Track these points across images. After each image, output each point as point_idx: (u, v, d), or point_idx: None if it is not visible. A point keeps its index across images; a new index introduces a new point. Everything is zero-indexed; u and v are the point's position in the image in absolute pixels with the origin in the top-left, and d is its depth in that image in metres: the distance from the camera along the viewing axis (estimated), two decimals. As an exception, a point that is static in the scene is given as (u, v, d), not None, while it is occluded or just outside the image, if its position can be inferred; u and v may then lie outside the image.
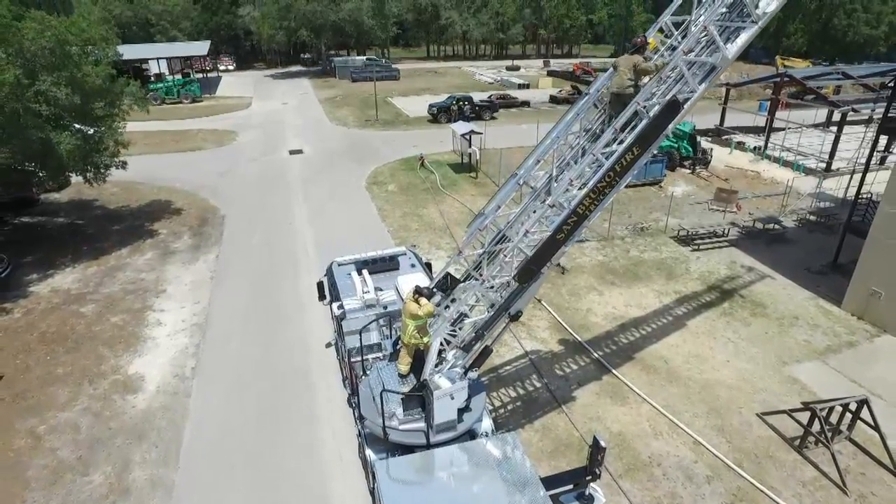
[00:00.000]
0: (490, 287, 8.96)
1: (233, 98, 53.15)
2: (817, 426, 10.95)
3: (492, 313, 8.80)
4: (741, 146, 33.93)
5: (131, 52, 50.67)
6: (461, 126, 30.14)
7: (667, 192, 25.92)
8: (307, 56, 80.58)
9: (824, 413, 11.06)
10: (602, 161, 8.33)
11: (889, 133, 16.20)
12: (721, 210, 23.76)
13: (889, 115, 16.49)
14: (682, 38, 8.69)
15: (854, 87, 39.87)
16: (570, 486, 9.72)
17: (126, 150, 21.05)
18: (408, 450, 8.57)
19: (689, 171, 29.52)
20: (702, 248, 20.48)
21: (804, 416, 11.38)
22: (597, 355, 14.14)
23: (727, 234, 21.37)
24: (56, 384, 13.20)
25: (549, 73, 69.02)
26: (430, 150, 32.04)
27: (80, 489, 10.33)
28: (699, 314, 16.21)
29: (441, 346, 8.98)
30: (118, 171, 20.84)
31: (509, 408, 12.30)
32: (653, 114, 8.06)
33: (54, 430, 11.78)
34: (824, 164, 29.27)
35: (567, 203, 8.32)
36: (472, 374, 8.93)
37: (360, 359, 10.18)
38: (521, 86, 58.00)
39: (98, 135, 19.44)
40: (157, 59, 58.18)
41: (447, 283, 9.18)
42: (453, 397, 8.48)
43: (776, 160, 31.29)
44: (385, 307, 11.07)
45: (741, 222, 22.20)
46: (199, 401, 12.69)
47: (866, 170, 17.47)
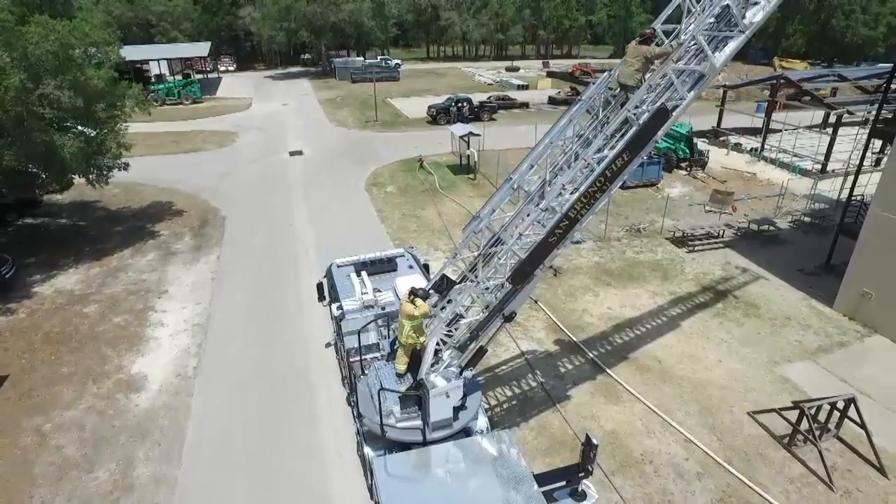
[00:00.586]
0: (485, 289, 9.21)
1: (233, 99, 53.41)
2: (805, 424, 11.20)
3: (486, 314, 9.05)
4: (738, 148, 34.18)
5: (132, 54, 50.95)
6: (459, 128, 30.39)
7: (663, 194, 26.16)
8: (307, 57, 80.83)
9: (812, 411, 11.32)
10: (594, 166, 8.58)
11: (880, 136, 16.43)
12: (717, 211, 23.99)
13: (879, 119, 16.74)
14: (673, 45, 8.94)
15: (852, 89, 40.13)
16: (564, 483, 9.99)
17: (128, 152, 21.29)
18: (405, 447, 8.81)
19: (686, 173, 29.78)
20: (697, 249, 20.74)
21: (793, 415, 11.63)
22: (591, 355, 14.40)
23: (722, 236, 21.63)
24: (61, 383, 13.46)
25: (549, 74, 69.26)
26: (429, 152, 32.29)
27: (86, 486, 10.58)
28: (693, 315, 16.46)
29: (437, 345, 9.22)
30: (120, 172, 21.08)
31: (505, 406, 12.55)
32: (642, 121, 8.31)
33: (60, 428, 12.04)
34: (820, 166, 29.52)
35: (559, 207, 8.57)
36: (468, 373, 9.17)
37: (358, 359, 10.42)
38: (520, 87, 58.25)
39: (100, 137, 19.69)
40: (158, 60, 58.43)
41: (443, 285, 9.43)
42: (449, 396, 8.72)
43: (772, 162, 31.54)
44: (383, 308, 11.31)
45: (736, 224, 22.42)
46: (200, 400, 12.95)
47: (858, 172, 17.70)
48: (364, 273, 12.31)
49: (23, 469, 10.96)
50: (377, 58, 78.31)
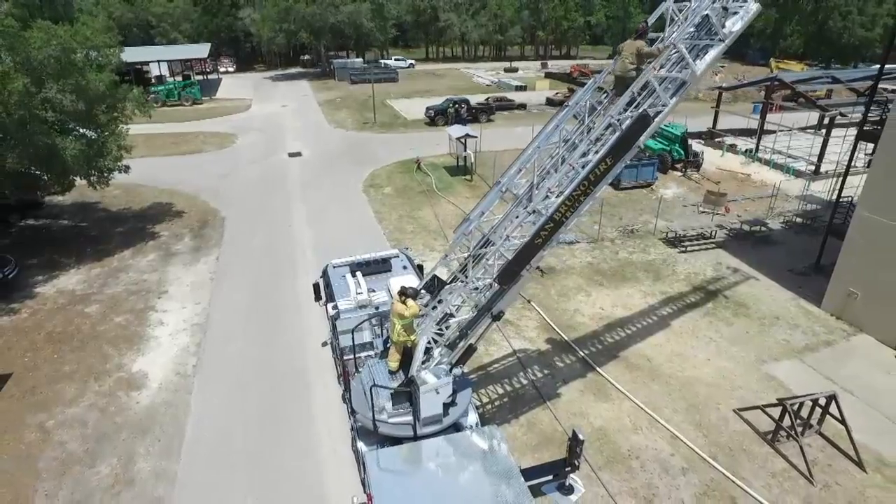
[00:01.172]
0: (475, 289, 9.52)
1: (233, 100, 53.73)
2: (788, 421, 11.51)
3: (475, 313, 9.36)
4: (733, 149, 34.49)
5: (132, 55, 51.24)
6: (456, 130, 30.70)
7: (658, 195, 26.46)
8: (307, 58, 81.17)
9: (795, 408, 11.64)
10: (578, 170, 8.89)
11: (867, 138, 16.73)
12: (710, 212, 24.30)
13: (866, 121, 17.06)
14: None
15: (847, 90, 40.39)
16: (551, 477, 10.30)
17: (129, 154, 21.60)
18: (396, 441, 9.11)
19: (680, 174, 30.08)
20: (689, 249, 21.03)
21: (777, 412, 11.93)
22: (582, 354, 14.71)
23: (714, 236, 21.93)
24: (63, 381, 13.78)
25: (547, 75, 69.56)
26: (427, 153, 32.62)
27: (88, 480, 10.90)
28: (683, 314, 16.77)
29: (429, 343, 9.53)
30: (120, 174, 21.39)
31: (496, 403, 12.86)
32: (625, 127, 8.62)
33: (62, 424, 12.36)
34: (813, 167, 29.82)
35: (545, 210, 8.88)
36: (457, 370, 9.48)
37: (352, 357, 10.73)
38: (518, 88, 58.56)
39: (101, 139, 20.01)
40: (158, 61, 58.79)
41: (434, 285, 9.74)
42: (438, 392, 9.03)
43: (767, 163, 31.87)
44: (377, 307, 11.61)
45: (728, 224, 22.72)
46: (199, 397, 13.26)
47: (846, 173, 18.01)
48: (359, 273, 12.63)
49: (27, 464, 11.28)
50: (391, 58, 79.38)
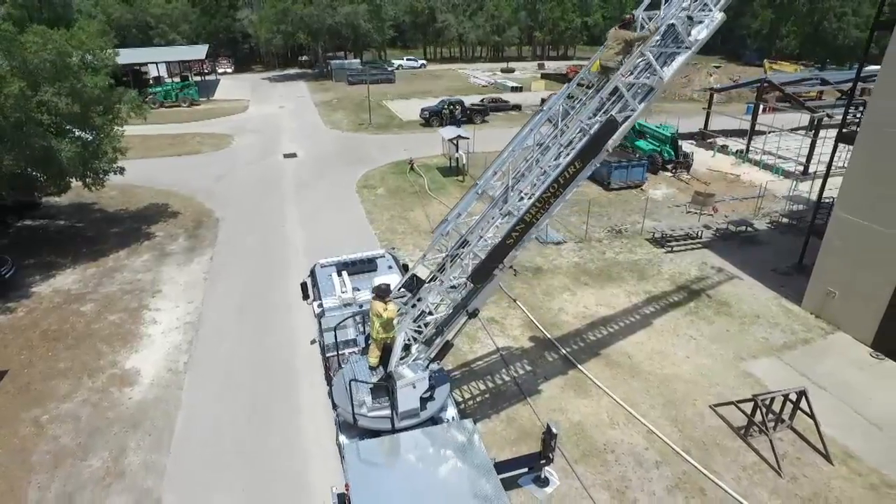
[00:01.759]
0: (452, 287, 9.86)
1: (230, 101, 54.12)
2: (760, 416, 11.85)
3: (451, 311, 9.71)
4: (724, 150, 34.84)
5: (131, 56, 51.70)
6: (449, 131, 31.08)
7: (647, 195, 26.81)
8: (305, 59, 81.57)
9: (767, 403, 11.99)
10: (549, 173, 9.24)
11: (846, 141, 17.04)
12: (697, 213, 24.65)
13: (844, 124, 17.40)
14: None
15: (839, 91, 40.73)
16: (527, 469, 10.69)
17: (123, 156, 21.96)
18: (376, 435, 9.46)
19: (671, 175, 30.44)
20: (675, 249, 21.36)
21: (751, 407, 12.27)
22: (564, 351, 15.05)
23: (700, 237, 22.27)
24: (57, 378, 14.14)
25: (543, 76, 69.91)
26: (421, 154, 32.98)
27: (80, 472, 11.27)
28: (666, 313, 17.11)
29: (408, 340, 9.89)
30: (116, 175, 21.73)
31: (478, 399, 13.22)
32: (593, 131, 8.98)
33: (56, 419, 12.72)
34: (802, 168, 30.17)
35: (517, 211, 9.23)
36: (434, 366, 9.83)
37: (335, 353, 11.08)
38: (514, 88, 58.93)
39: (97, 141, 20.37)
40: (157, 62, 59.16)
41: (413, 284, 10.10)
42: (415, 386, 9.39)
43: (757, 163, 32.22)
44: (361, 306, 11.96)
45: (715, 225, 23.06)
46: (190, 393, 13.63)
47: (827, 174, 18.35)
48: (345, 273, 12.96)
49: (21, 457, 11.64)
50: (404, 58, 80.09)
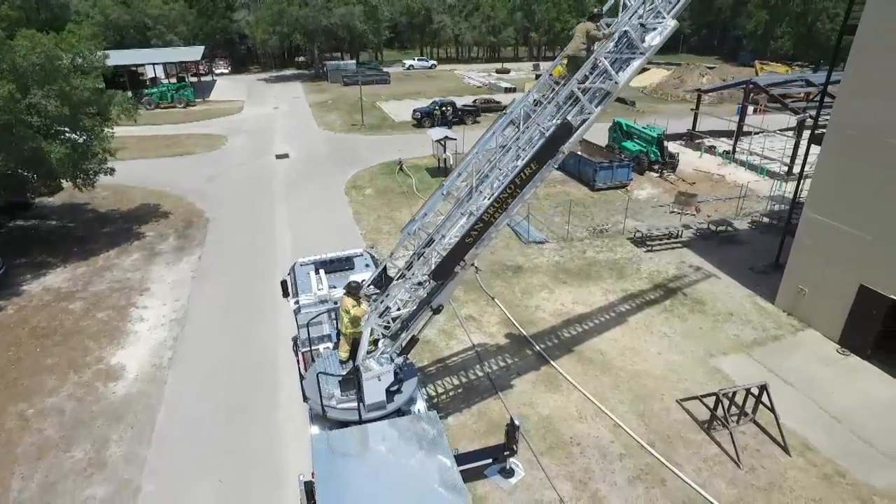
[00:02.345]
0: (418, 283, 10.25)
1: (226, 102, 54.50)
2: (722, 410, 12.23)
3: (416, 307, 10.10)
4: (712, 150, 35.20)
5: (127, 57, 52.19)
6: (437, 132, 31.47)
7: (631, 196, 27.18)
8: (301, 59, 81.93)
9: (729, 397, 12.37)
10: (508, 174, 9.63)
11: (818, 142, 17.41)
12: (680, 212, 25.02)
13: (816, 125, 17.79)
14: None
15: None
16: (491, 461, 11.09)
17: (114, 157, 22.37)
18: (344, 426, 9.84)
19: (656, 175, 30.80)
20: (655, 249, 21.73)
21: (714, 402, 12.65)
22: (538, 348, 15.44)
23: (680, 236, 22.63)
24: (44, 373, 14.54)
25: (538, 77, 70.16)
26: (412, 155, 33.35)
27: (63, 463, 11.67)
28: (641, 311, 17.48)
29: (376, 335, 10.28)
30: (106, 176, 22.12)
31: (451, 394, 13.61)
32: (548, 134, 9.36)
33: (41, 413, 13.12)
34: (787, 168, 30.52)
35: (477, 211, 9.62)
36: (399, 359, 10.21)
37: (308, 348, 11.46)
38: (507, 89, 59.24)
39: (87, 143, 20.77)
40: (153, 63, 59.57)
41: (382, 281, 10.49)
42: (380, 379, 9.77)
43: (743, 164, 32.58)
44: (335, 303, 12.34)
45: (695, 224, 23.43)
46: (173, 388, 14.03)
47: (801, 175, 18.76)
48: (322, 271, 13.35)
49: (6, 449, 12.04)
50: (415, 59, 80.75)
